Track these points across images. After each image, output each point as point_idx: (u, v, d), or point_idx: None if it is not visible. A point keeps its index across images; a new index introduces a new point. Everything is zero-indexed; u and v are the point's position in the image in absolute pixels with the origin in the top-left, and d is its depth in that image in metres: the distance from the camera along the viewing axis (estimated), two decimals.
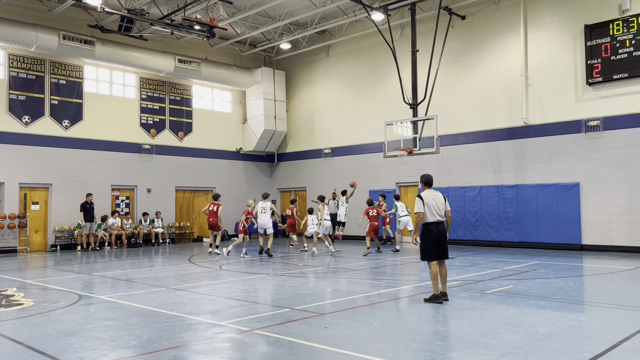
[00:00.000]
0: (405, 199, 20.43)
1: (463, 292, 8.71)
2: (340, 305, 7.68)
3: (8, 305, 8.10)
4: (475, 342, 5.52)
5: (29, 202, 18.17)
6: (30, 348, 5.53)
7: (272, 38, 22.52)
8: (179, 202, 22.37)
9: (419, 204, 7.88)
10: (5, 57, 17.82)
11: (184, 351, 5.42)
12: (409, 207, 16.70)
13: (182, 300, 8.37)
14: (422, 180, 8.27)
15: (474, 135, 18.28)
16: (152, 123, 21.46)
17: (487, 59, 18.11)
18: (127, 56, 19.45)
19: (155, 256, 16.20)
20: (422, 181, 8.26)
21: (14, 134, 17.80)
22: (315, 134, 23.55)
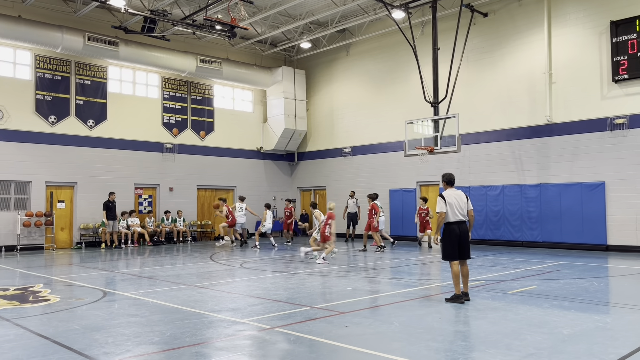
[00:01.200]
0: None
1: (485, 292, 8.63)
2: (361, 304, 7.68)
3: (35, 301, 8.30)
4: (498, 343, 5.47)
5: (55, 200, 18.56)
6: (57, 343, 5.65)
7: (292, 37, 22.58)
8: (201, 200, 22.59)
9: (440, 203, 7.79)
10: (32, 58, 18.21)
11: (206, 348, 5.48)
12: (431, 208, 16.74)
13: (203, 297, 8.46)
14: (444, 179, 8.16)
15: (496, 133, 18.07)
16: (174, 122, 21.72)
17: (509, 56, 17.88)
18: (149, 56, 19.72)
19: (177, 254, 16.40)
20: (444, 180, 8.16)
21: (40, 133, 18.19)
22: (335, 132, 23.55)
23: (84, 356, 5.16)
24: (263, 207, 18.40)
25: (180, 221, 20.96)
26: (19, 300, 8.36)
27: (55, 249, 18.20)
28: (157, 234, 20.24)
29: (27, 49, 18.00)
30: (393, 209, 20.77)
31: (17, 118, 17.74)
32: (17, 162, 17.64)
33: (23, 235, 17.61)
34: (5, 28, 16.57)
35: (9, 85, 17.67)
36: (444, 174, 8.22)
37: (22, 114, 17.88)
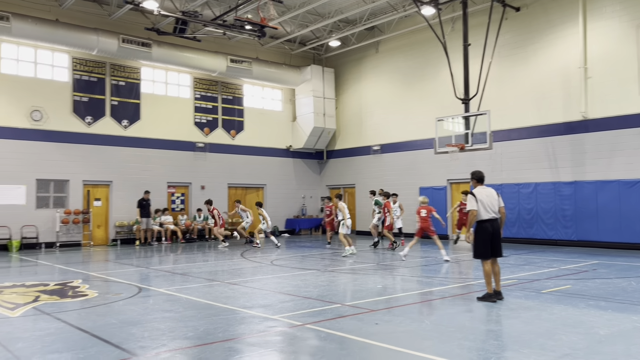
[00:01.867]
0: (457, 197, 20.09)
1: (518, 291, 8.50)
2: (391, 302, 7.67)
3: (74, 296, 8.57)
4: (531, 342, 5.39)
5: (91, 198, 19.09)
6: (96, 336, 5.84)
7: (321, 36, 22.62)
8: (232, 198, 22.86)
9: (472, 201, 7.67)
10: (70, 61, 18.76)
11: (238, 343, 5.58)
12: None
13: (235, 294, 8.59)
14: (474, 176, 8.04)
15: (529, 130, 17.72)
16: (206, 122, 22.05)
17: (542, 51, 17.51)
18: (181, 57, 20.08)
19: (209, 251, 16.66)
20: (474, 178, 8.03)
21: (78, 133, 18.74)
22: (364, 130, 23.50)
23: (121, 349, 5.32)
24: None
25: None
26: (59, 295, 8.65)
27: (92, 245, 18.73)
28: (189, 232, 20.60)
29: (64, 51, 18.55)
30: None
31: (55, 119, 18.32)
32: (56, 162, 18.21)
33: (62, 232, 18.18)
34: (44, 32, 17.12)
35: (48, 88, 18.25)
36: (474, 171, 8.11)
37: (61, 115, 18.45)
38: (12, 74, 17.66)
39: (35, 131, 17.91)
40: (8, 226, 17.19)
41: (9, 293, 8.83)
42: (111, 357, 5.08)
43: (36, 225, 17.74)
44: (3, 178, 17.18)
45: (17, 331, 6.14)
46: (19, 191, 17.54)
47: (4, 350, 5.28)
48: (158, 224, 19.62)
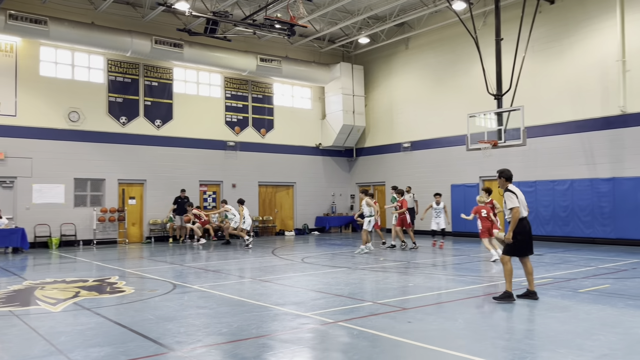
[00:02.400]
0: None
1: (554, 290, 8.34)
2: (423, 301, 7.63)
3: (112, 292, 8.81)
4: (569, 342, 5.29)
5: (126, 197, 19.56)
6: (134, 331, 6.00)
7: (350, 33, 22.58)
8: (262, 196, 23.08)
9: (513, 198, 7.44)
10: (105, 62, 19.24)
11: (271, 340, 5.64)
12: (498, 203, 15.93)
13: (267, 291, 8.68)
14: (504, 175, 7.82)
15: (564, 125, 17.31)
16: (236, 121, 22.30)
17: (578, 44, 17.07)
18: (212, 57, 20.35)
19: (240, 248, 16.85)
20: (504, 176, 7.81)
21: (113, 133, 19.21)
22: (394, 127, 23.35)
23: (159, 344, 5.45)
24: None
25: None
26: (97, 291, 8.91)
27: (127, 243, 19.18)
28: (221, 229, 20.86)
29: (100, 54, 19.03)
30: (455, 204, 20.37)
31: (91, 119, 18.82)
32: (93, 161, 18.72)
33: (98, 230, 18.68)
34: (81, 35, 17.61)
35: (84, 89, 18.77)
36: (504, 170, 7.91)
37: (96, 116, 18.94)
38: (50, 77, 18.22)
39: (72, 132, 18.44)
40: (48, 224, 17.76)
41: (51, 289, 9.14)
42: (149, 351, 5.21)
43: (74, 223, 18.28)
44: (43, 177, 17.76)
45: (60, 325, 6.35)
46: (58, 190, 18.10)
47: (48, 344, 5.48)
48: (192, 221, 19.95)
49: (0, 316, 6.96)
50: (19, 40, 17.50)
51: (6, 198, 17.27)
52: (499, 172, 7.92)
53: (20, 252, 16.06)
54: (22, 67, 17.65)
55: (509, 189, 7.60)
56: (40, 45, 17.95)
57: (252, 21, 18.20)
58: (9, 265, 12.85)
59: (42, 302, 7.88)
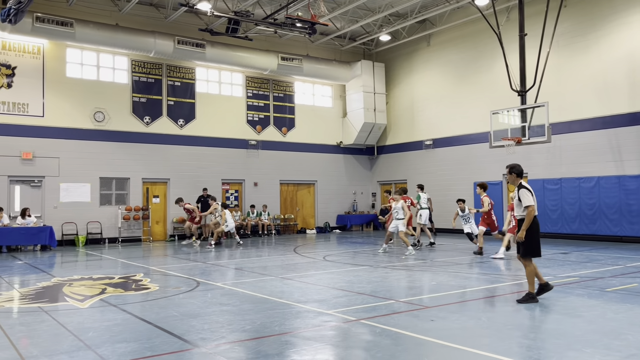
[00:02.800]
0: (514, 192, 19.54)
1: (580, 289, 8.19)
2: (446, 299, 7.58)
3: (137, 288, 8.96)
4: (595, 342, 5.20)
5: (150, 195, 19.85)
6: (159, 328, 6.10)
7: (371, 30, 22.50)
8: (283, 195, 23.18)
9: (529, 196, 7.10)
10: (129, 63, 19.55)
11: (294, 337, 5.67)
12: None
13: (289, 288, 8.72)
14: (515, 171, 7.42)
15: (590, 122, 16.98)
16: (258, 120, 22.43)
17: (605, 39, 16.71)
18: (234, 56, 20.51)
19: (262, 246, 16.96)
20: (515, 172, 7.41)
21: (137, 133, 19.52)
22: (416, 125, 23.21)
23: (183, 341, 5.53)
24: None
25: (265, 215, 21.66)
26: (123, 287, 9.07)
27: (152, 241, 19.46)
28: (243, 227, 21.04)
29: (124, 54, 19.34)
30: (477, 202, 20.11)
31: (116, 119, 19.15)
32: (117, 161, 19.05)
33: (123, 228, 19.01)
34: (106, 36, 17.92)
35: (109, 89, 19.10)
36: (514, 165, 7.47)
37: (121, 116, 19.27)
38: (76, 78, 18.59)
39: (98, 131, 18.79)
40: (75, 222, 18.14)
41: (78, 285, 9.34)
42: (174, 347, 5.29)
43: (100, 221, 18.63)
44: (70, 176, 18.14)
45: (87, 321, 6.49)
46: (84, 189, 18.46)
47: (76, 340, 5.61)
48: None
49: (30, 312, 7.15)
50: (46, 42, 17.90)
51: (35, 197, 17.69)
52: (510, 167, 7.49)
53: (48, 250, 16.45)
54: (49, 69, 18.04)
55: (523, 185, 7.27)
56: (66, 47, 18.33)
57: (273, 20, 18.27)
58: (38, 263, 13.17)
59: (70, 299, 8.06)
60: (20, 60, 17.57)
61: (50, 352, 5.17)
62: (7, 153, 17.16)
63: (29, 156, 17.47)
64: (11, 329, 6.17)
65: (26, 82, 17.59)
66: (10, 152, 17.23)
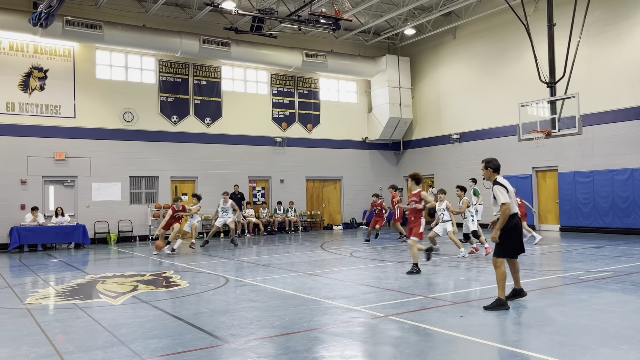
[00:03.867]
0: (544, 185, 19.18)
1: (614, 284, 8.00)
2: (475, 295, 7.50)
3: (168, 286, 9.13)
4: (631, 338, 5.08)
5: (179, 193, 20.14)
6: (190, 324, 6.20)
7: (396, 25, 22.32)
8: (309, 191, 23.24)
9: (503, 193, 6.55)
10: (156, 63, 19.86)
11: (322, 333, 5.70)
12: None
13: (317, 285, 8.76)
14: (491, 165, 6.88)
15: (624, 112, 16.51)
16: (283, 117, 22.52)
17: (638, 27, 16.21)
18: (258, 54, 20.62)
19: (290, 243, 17.06)
20: (491, 167, 6.88)
21: (165, 132, 19.82)
22: (442, 119, 22.95)
23: (214, 337, 5.61)
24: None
25: (292, 212, 21.76)
26: (154, 285, 9.25)
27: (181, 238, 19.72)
28: (270, 224, 21.19)
29: (151, 55, 19.65)
30: None
31: (145, 119, 19.48)
32: (147, 160, 19.39)
33: (153, 226, 19.34)
34: (134, 37, 18.23)
35: (138, 90, 19.45)
36: (490, 159, 6.96)
37: (149, 115, 19.60)
38: (106, 79, 18.98)
39: (127, 131, 19.15)
40: (107, 220, 18.56)
41: (111, 282, 9.56)
42: (205, 343, 5.38)
43: (131, 219, 19.01)
44: (101, 176, 18.55)
45: (120, 318, 6.65)
46: (115, 188, 18.86)
47: (110, 335, 5.75)
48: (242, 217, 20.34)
49: (66, 309, 7.35)
50: (76, 45, 18.31)
51: (68, 196, 18.15)
52: (485, 161, 6.93)
53: (81, 248, 16.88)
54: (80, 71, 18.46)
55: (498, 181, 6.71)
56: (95, 49, 18.71)
57: (297, 17, 18.30)
58: (72, 261, 13.53)
59: (103, 295, 8.26)
60: (52, 63, 18.03)
61: (86, 347, 5.31)
62: (41, 154, 17.65)
63: (61, 157, 17.93)
64: (47, 325, 6.37)
65: (58, 85, 18.04)
66: (44, 153, 17.71)
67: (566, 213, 18.01)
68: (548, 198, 18.97)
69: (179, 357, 4.91)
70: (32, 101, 17.67)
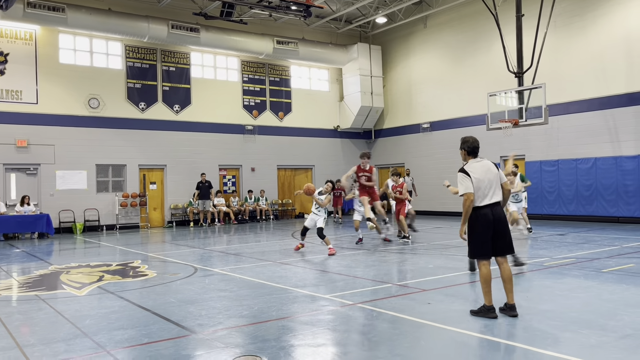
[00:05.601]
0: None
1: (576, 270, 8.22)
2: (443, 282, 7.60)
3: (135, 275, 8.97)
4: (591, 323, 5.22)
5: (147, 182, 19.80)
6: (157, 314, 6.10)
7: (367, 13, 22.27)
8: (281, 180, 23.15)
9: (465, 181, 5.60)
10: (123, 49, 19.35)
11: (291, 322, 5.68)
12: None
13: (287, 273, 8.74)
14: (465, 146, 5.84)
15: (587, 103, 16.92)
16: (254, 104, 22.30)
17: (603, 18, 16.57)
18: (229, 41, 20.31)
19: (261, 232, 16.98)
20: (464, 148, 5.84)
21: (132, 119, 19.39)
22: (413, 108, 23.10)
23: (181, 327, 5.54)
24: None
25: (263, 200, 21.66)
26: (121, 274, 9.07)
27: (149, 227, 19.47)
28: (241, 213, 21.05)
29: (117, 40, 19.14)
30: None
31: (111, 106, 19.01)
32: (113, 147, 18.96)
33: (121, 215, 18.99)
34: (98, 21, 17.70)
35: (103, 75, 18.93)
36: (465, 139, 5.88)
37: (116, 102, 19.12)
38: (70, 64, 18.41)
39: (93, 118, 18.66)
40: (72, 210, 18.11)
41: (76, 273, 9.34)
42: (172, 334, 5.30)
43: (97, 208, 18.60)
44: (65, 164, 18.06)
45: (84, 309, 6.50)
46: (81, 176, 18.40)
47: (73, 327, 5.61)
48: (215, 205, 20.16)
49: (27, 300, 7.15)
50: (38, 28, 17.68)
51: (31, 185, 17.62)
52: (462, 140, 5.93)
53: (45, 238, 16.45)
54: (42, 55, 17.85)
55: (463, 167, 5.72)
56: (59, 32, 18.11)
57: (268, 3, 18.05)
58: (35, 251, 13.16)
59: (67, 286, 8.06)
60: (13, 46, 17.37)
61: (48, 340, 5.17)
62: (1, 141, 17.05)
63: (23, 144, 17.36)
64: (9, 317, 6.18)
65: (19, 69, 17.41)
66: (5, 140, 17.11)
67: (532, 201, 18.40)
68: None
69: (144, 348, 4.82)
70: None
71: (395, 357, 4.44)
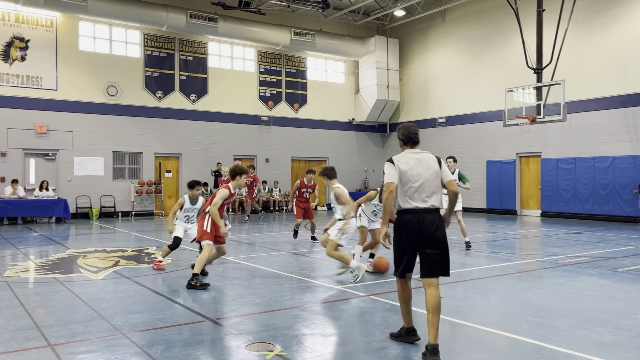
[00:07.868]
0: (527, 171, 19.37)
1: (591, 269, 8.16)
2: (456, 277, 7.59)
3: (150, 261, 9.08)
4: (605, 321, 5.19)
5: (163, 170, 19.97)
6: (171, 300, 6.19)
7: (385, 5, 22.12)
8: (295, 171, 23.20)
9: (390, 171, 4.52)
10: (141, 37, 19.48)
11: (304, 311, 5.73)
12: None
13: (300, 263, 8.79)
14: (399, 134, 4.77)
15: (607, 100, 16.67)
16: (270, 95, 22.33)
17: (625, 15, 16.29)
18: (246, 31, 20.33)
19: (274, 222, 17.05)
20: (399, 137, 4.77)
21: (149, 107, 19.55)
22: (429, 102, 22.96)
23: (195, 313, 5.61)
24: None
25: (277, 191, 21.73)
26: (136, 260, 9.20)
27: (164, 215, 19.65)
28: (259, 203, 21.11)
29: (136, 28, 19.26)
30: (490, 181, 20.05)
31: (129, 94, 19.17)
32: (130, 135, 19.14)
33: (136, 202, 19.20)
34: (118, 9, 17.81)
35: (122, 64, 19.09)
36: (401, 125, 4.79)
37: (134, 90, 19.28)
38: (89, 51, 18.58)
39: (111, 106, 18.85)
40: (89, 196, 18.35)
41: (92, 257, 9.49)
42: (186, 319, 5.38)
43: (113, 195, 18.83)
44: (83, 150, 18.29)
45: (101, 292, 6.61)
46: (98, 163, 18.62)
47: (90, 310, 5.72)
48: None
49: (45, 282, 7.29)
50: (58, 15, 17.85)
51: (49, 170, 17.88)
52: (398, 127, 4.88)
53: (63, 222, 16.70)
54: (62, 42, 18.04)
55: (391, 158, 4.63)
56: (79, 20, 18.28)
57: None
58: (53, 235, 13.38)
59: (84, 270, 8.20)
60: (34, 33, 17.58)
61: (65, 321, 5.28)
62: (21, 126, 17.30)
63: (43, 129, 17.61)
64: (27, 298, 6.31)
65: (40, 56, 17.62)
66: (25, 125, 17.36)
67: (548, 199, 18.25)
68: (530, 184, 19.19)
69: (160, 332, 4.90)
70: (13, 72, 17.26)
71: (407, 348, 4.46)
